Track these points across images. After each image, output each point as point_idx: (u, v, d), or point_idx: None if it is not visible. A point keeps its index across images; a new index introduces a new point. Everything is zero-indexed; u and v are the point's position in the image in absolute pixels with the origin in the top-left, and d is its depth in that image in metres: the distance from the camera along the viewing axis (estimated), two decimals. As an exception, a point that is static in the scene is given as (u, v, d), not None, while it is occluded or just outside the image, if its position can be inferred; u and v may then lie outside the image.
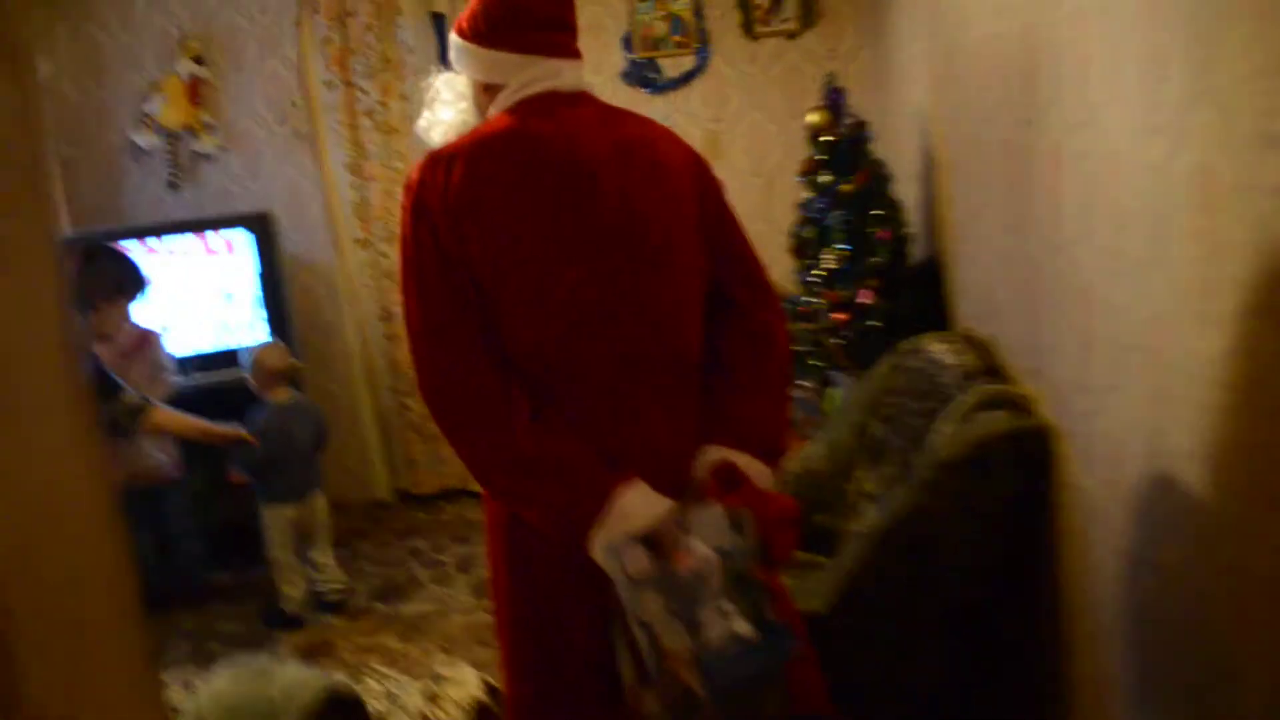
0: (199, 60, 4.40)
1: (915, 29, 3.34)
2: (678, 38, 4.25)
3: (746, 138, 4.26)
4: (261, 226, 4.14)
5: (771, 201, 4.18)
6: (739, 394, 1.68)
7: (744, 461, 1.62)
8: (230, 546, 4.13)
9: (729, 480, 1.59)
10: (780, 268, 4.17)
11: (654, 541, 1.49)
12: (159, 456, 3.83)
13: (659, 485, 1.56)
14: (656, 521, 1.50)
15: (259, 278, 4.15)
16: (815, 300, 3.05)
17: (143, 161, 4.58)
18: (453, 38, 1.70)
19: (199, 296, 4.14)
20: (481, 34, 1.65)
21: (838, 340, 2.98)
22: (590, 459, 1.53)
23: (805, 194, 3.19)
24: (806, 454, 2.95)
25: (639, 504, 1.51)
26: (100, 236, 4.19)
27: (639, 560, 1.46)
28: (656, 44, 4.27)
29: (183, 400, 3.68)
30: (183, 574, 3.98)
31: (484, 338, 1.54)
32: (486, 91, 1.69)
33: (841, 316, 2.97)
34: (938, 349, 2.49)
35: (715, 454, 1.63)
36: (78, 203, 4.60)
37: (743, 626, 1.43)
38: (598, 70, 4.24)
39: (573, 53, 1.69)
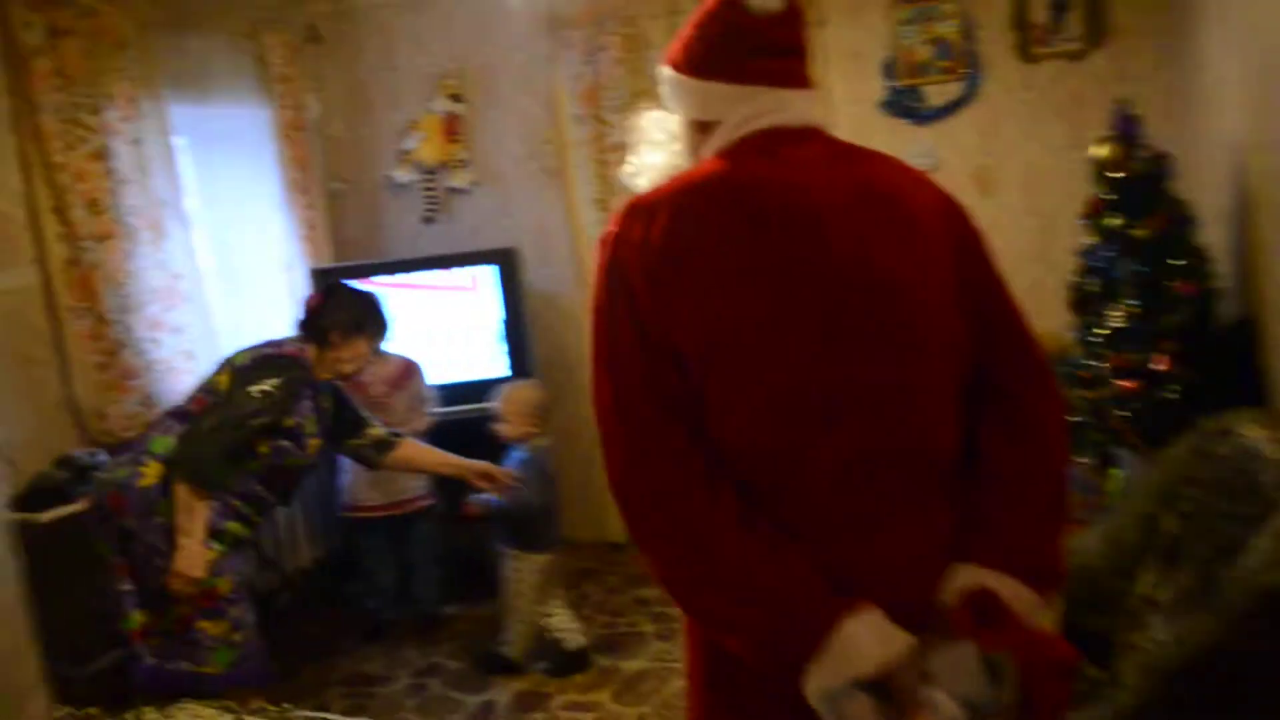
0: (456, 98, 4.48)
1: (1227, 45, 2.86)
2: (944, 62, 3.89)
3: (1021, 173, 3.83)
4: (507, 261, 4.13)
5: (1049, 246, 3.73)
6: (1005, 503, 1.35)
7: (1008, 589, 1.29)
8: (459, 578, 4.12)
9: (987, 612, 1.26)
10: (1057, 323, 3.73)
11: (885, 689, 1.19)
12: (413, 485, 3.88)
13: (896, 616, 1.25)
14: (890, 664, 1.20)
15: (503, 312, 4.14)
16: (1098, 364, 2.63)
17: (401, 197, 4.71)
18: (663, 70, 1.48)
19: (445, 330, 4.18)
20: (695, 63, 1.41)
21: (1124, 412, 2.55)
22: (811, 580, 1.24)
23: (1089, 239, 2.78)
24: (1080, 544, 2.54)
25: (869, 640, 1.21)
26: (356, 270, 4.32)
27: (863, 716, 1.18)
28: (921, 70, 3.93)
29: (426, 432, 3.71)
30: (417, 604, 4.01)
31: (686, 427, 1.28)
32: (701, 131, 1.44)
33: (1129, 385, 2.54)
34: (1255, 435, 2.04)
35: (971, 577, 1.30)
36: (342, 235, 4.78)
37: None
38: (856, 100, 3.95)
39: (802, 81, 1.42)
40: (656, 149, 1.53)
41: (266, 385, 2.81)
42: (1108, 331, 2.60)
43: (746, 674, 1.33)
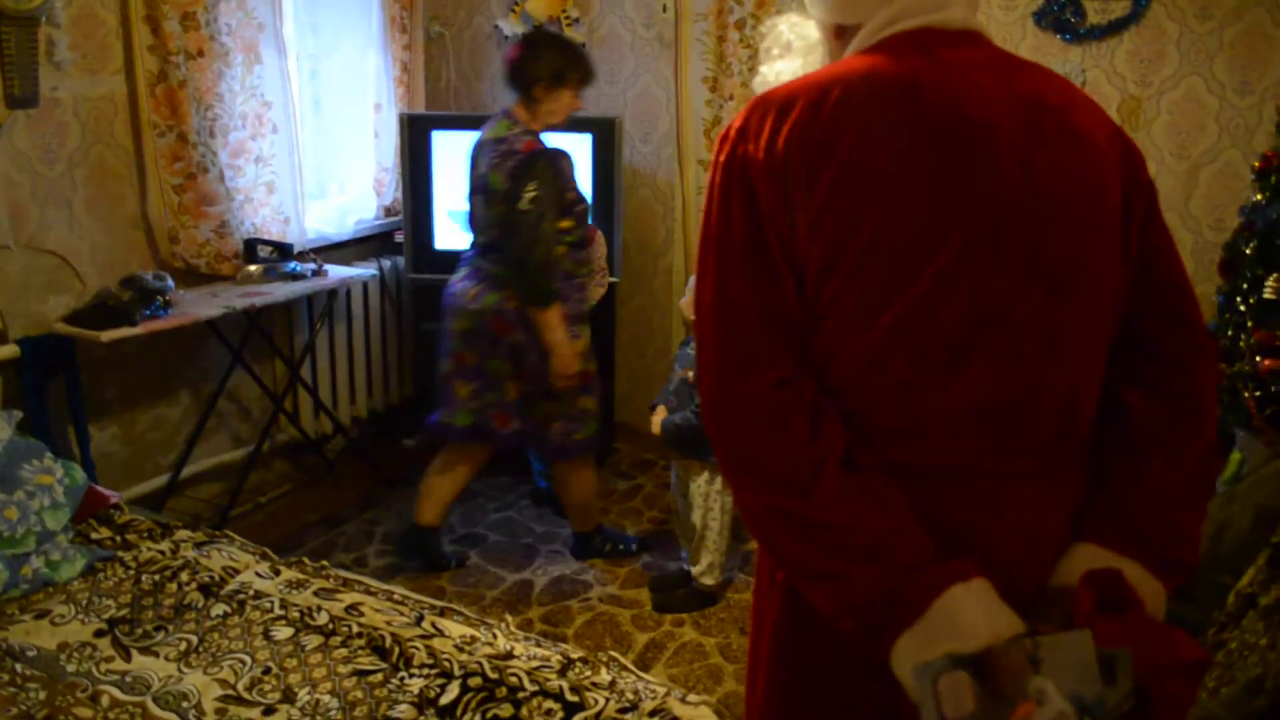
0: (575, -51, 4.20)
1: None
2: (1115, -23, 3.50)
3: (1175, 111, 3.48)
4: (604, 132, 3.91)
5: (1192, 196, 3.41)
6: (1146, 479, 1.17)
7: (1134, 574, 1.11)
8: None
9: (1109, 596, 1.08)
10: (1199, 286, 3.44)
11: (987, 671, 1.01)
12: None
13: (1008, 593, 1.07)
14: (996, 643, 1.02)
15: (592, 185, 3.94)
16: (1237, 335, 2.37)
17: (504, 49, 4.47)
18: None
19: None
20: None
21: (1257, 393, 2.30)
22: (917, 536, 1.08)
23: (1255, 196, 2.48)
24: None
25: (975, 614, 1.03)
26: (446, 120, 4.14)
27: (962, 696, 1.00)
28: (1086, -19, 3.54)
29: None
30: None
31: (794, 348, 1.12)
32: (840, 37, 1.24)
33: (1269, 363, 2.28)
34: None
35: (1094, 556, 1.13)
36: (437, 82, 4.59)
37: None
38: (1007, 5, 3.59)
39: None
40: (792, 58, 1.34)
41: (528, 194, 2.98)
42: (1257, 302, 2.33)
43: (825, 631, 1.17)
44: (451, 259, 4.01)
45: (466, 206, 3.29)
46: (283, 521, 3.74)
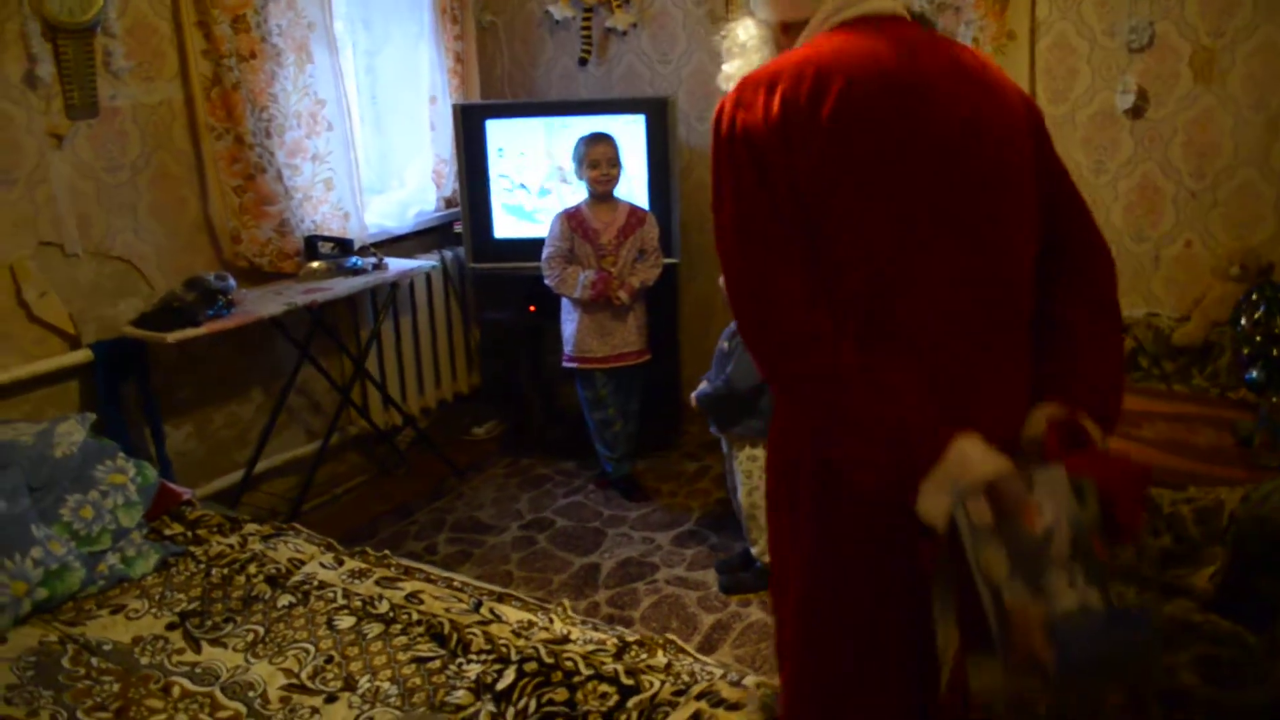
0: (622, -70, 4.16)
1: None
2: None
3: (1254, 60, 3.29)
4: (658, 112, 3.88)
5: (1271, 149, 3.24)
6: (1077, 355, 1.52)
7: (1086, 424, 1.42)
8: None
9: (1071, 439, 1.40)
10: (1266, 235, 3.28)
11: (996, 496, 1.27)
12: (633, 339, 3.81)
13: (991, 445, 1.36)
14: (1000, 473, 1.28)
15: (646, 165, 3.92)
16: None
17: (558, 35, 4.47)
18: None
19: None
20: None
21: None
22: (926, 411, 1.35)
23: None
24: (1259, 492, 2.23)
25: (979, 455, 1.30)
26: (500, 109, 4.15)
27: (984, 512, 1.26)
28: (1150, -71, 3.39)
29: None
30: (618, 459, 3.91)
31: (807, 268, 1.38)
32: (787, 33, 1.52)
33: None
34: None
35: (1053, 411, 1.45)
36: (491, 72, 4.60)
37: (1094, 598, 1.24)
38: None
39: None
40: (747, 55, 1.58)
41: None
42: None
43: (851, 505, 1.45)
44: (512, 248, 4.05)
45: None
46: (355, 513, 3.81)
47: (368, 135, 4.18)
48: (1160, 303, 3.46)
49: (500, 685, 2.02)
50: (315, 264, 3.60)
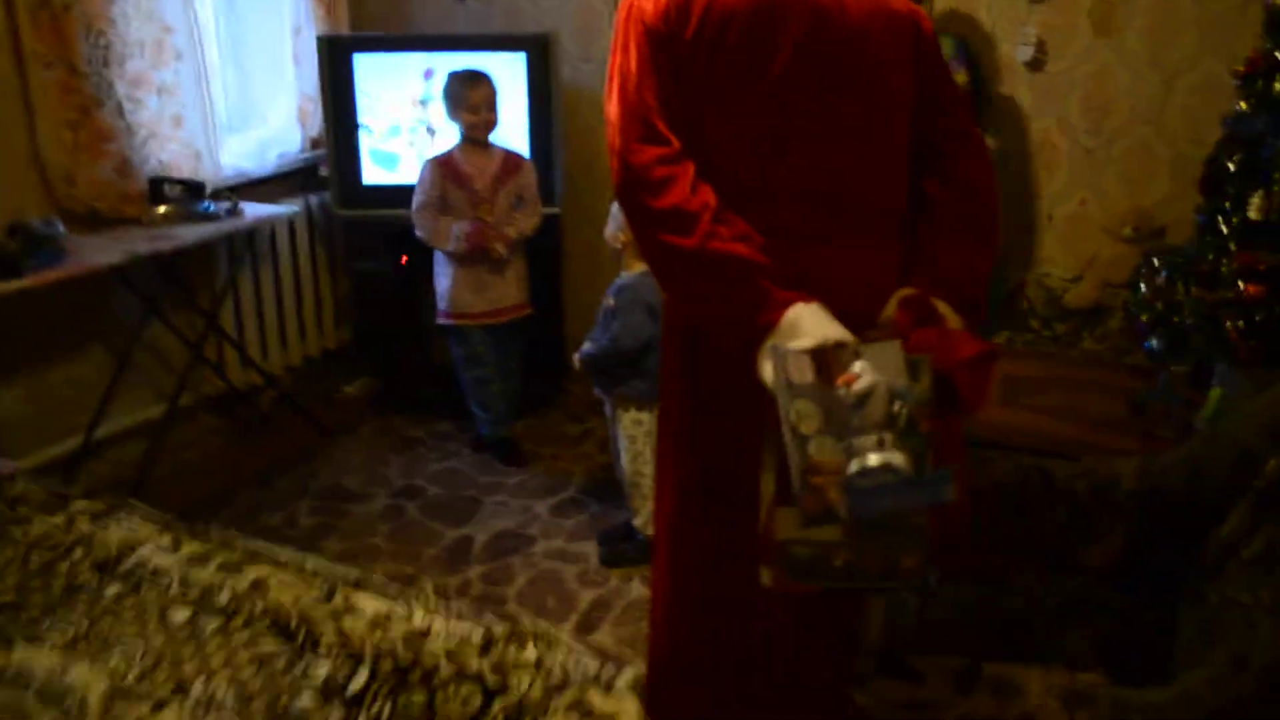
0: None
1: None
2: None
3: (1151, 14, 3.22)
4: (538, 49, 3.63)
5: (1167, 106, 3.17)
6: (942, 239, 1.61)
7: (942, 309, 1.52)
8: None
9: (919, 315, 1.49)
10: (1158, 197, 3.22)
11: (820, 362, 1.36)
12: (513, 293, 3.61)
13: (844, 323, 1.44)
14: (826, 341, 1.38)
15: (527, 108, 3.68)
16: (1219, 259, 2.17)
17: (434, -36, 4.16)
18: None
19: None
20: None
21: (1240, 322, 2.11)
22: (773, 272, 1.47)
23: (1239, 104, 2.26)
24: (1159, 464, 2.16)
25: (811, 323, 1.41)
26: (369, 42, 3.85)
27: (804, 370, 1.35)
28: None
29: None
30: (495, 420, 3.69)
31: (681, 136, 1.52)
32: None
33: (1254, 289, 2.09)
34: None
35: (906, 293, 1.55)
36: (365, 4, 4.27)
37: (899, 459, 1.27)
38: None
39: None
40: None
41: None
42: (1241, 223, 2.13)
43: (721, 363, 1.57)
44: (382, 194, 3.76)
45: None
46: (209, 481, 3.51)
47: (225, 68, 3.82)
48: (1053, 262, 3.40)
49: (352, 688, 1.83)
50: (161, 209, 3.28)
